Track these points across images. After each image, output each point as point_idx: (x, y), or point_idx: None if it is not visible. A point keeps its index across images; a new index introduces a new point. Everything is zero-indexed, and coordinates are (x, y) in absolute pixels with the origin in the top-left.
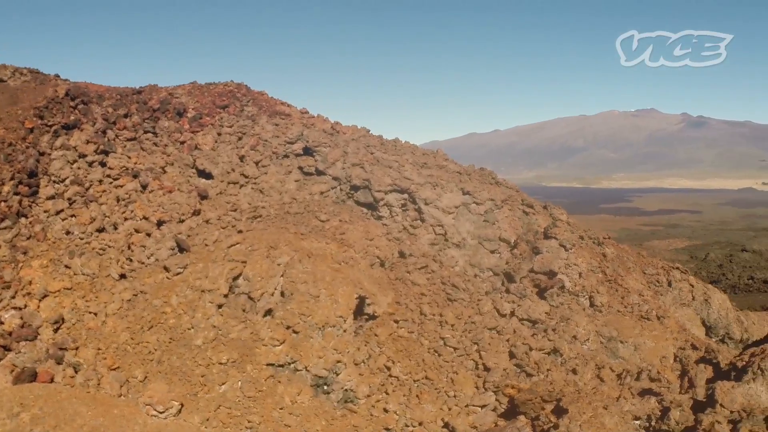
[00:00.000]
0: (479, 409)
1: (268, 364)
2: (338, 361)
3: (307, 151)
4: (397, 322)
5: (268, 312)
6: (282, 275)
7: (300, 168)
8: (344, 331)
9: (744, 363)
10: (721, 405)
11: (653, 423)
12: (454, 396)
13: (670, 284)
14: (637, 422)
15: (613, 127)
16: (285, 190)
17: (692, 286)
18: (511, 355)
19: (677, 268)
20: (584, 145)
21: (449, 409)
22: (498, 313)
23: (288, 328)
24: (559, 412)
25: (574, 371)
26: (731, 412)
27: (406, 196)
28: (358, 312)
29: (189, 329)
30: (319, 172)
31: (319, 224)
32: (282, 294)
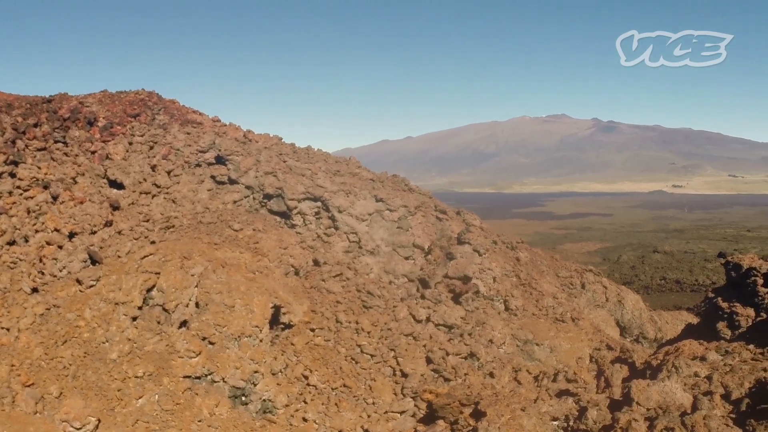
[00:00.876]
0: (398, 415)
1: (184, 377)
2: (255, 372)
3: (220, 160)
4: (313, 330)
5: (184, 323)
6: (196, 286)
7: (212, 177)
8: (260, 340)
9: (659, 361)
10: (637, 403)
11: (571, 423)
12: (373, 403)
13: (583, 286)
14: (556, 423)
15: (524, 132)
16: (198, 200)
17: (605, 288)
18: (428, 361)
19: (590, 270)
20: (496, 151)
21: (368, 417)
22: (414, 319)
23: (204, 339)
24: (478, 415)
25: (492, 375)
26: (647, 409)
27: (319, 204)
28: (274, 321)
29: (104, 343)
30: (232, 181)
31: (233, 234)
32: (197, 305)
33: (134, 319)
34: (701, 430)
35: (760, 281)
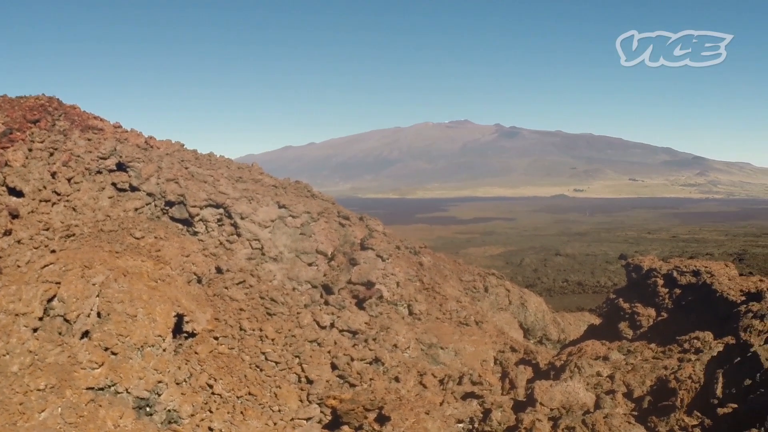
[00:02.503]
0: (305, 422)
1: (87, 388)
2: (159, 382)
3: (121, 167)
4: (217, 338)
5: (85, 334)
6: (98, 295)
7: (113, 184)
8: (164, 350)
9: (562, 362)
10: (540, 403)
11: (476, 425)
12: (279, 410)
13: (486, 290)
14: (461, 425)
15: (427, 138)
16: (99, 207)
17: (508, 291)
18: (334, 367)
19: (493, 273)
20: (399, 157)
21: (274, 424)
22: (318, 325)
23: (106, 349)
24: (382, 420)
25: (397, 379)
26: (551, 409)
27: (221, 210)
28: (177, 330)
29: (4, 355)
30: (133, 188)
31: (134, 242)
32: (99, 315)
33: (35, 330)
34: (602, 429)
35: (661, 282)
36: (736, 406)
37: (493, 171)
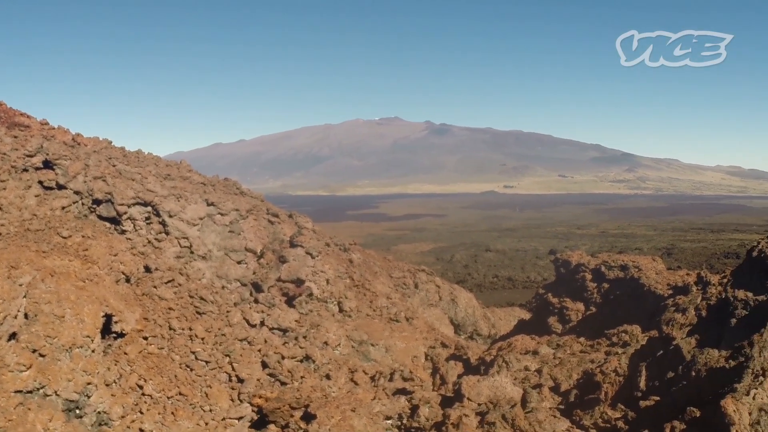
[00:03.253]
0: (236, 421)
1: (16, 391)
2: (89, 383)
3: (48, 165)
4: (146, 338)
5: (12, 336)
6: (25, 296)
7: (40, 182)
8: (93, 351)
9: (492, 357)
10: (468, 399)
11: (405, 421)
12: (210, 410)
13: (416, 286)
14: (389, 422)
15: (357, 135)
16: (25, 206)
17: (439, 287)
18: (264, 365)
19: (423, 270)
20: (330, 154)
21: (206, 424)
22: (248, 323)
23: (34, 351)
24: (308, 418)
25: (328, 376)
26: (479, 404)
27: (149, 209)
28: (106, 331)
29: None
30: (60, 186)
31: (62, 241)
32: (26, 316)
33: None
34: (522, 424)
35: (589, 276)
36: (658, 398)
37: (424, 168)
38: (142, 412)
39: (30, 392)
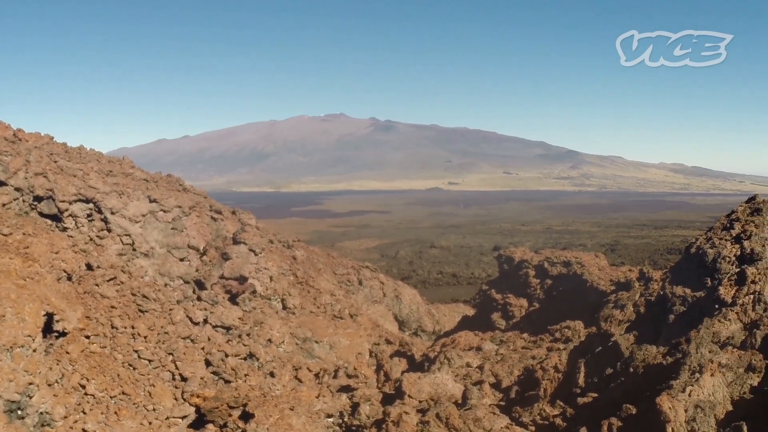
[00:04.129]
0: (180, 420)
1: None
2: (30, 383)
3: None
4: (88, 337)
5: None
6: None
7: None
8: (34, 350)
9: (436, 353)
10: (409, 396)
11: (346, 419)
12: (154, 409)
13: (360, 283)
14: (330, 419)
15: (303, 131)
16: None
17: (383, 284)
18: (208, 363)
19: (367, 266)
20: (275, 150)
21: (150, 424)
22: (191, 321)
23: None
24: (247, 417)
25: (272, 374)
26: (420, 401)
27: (91, 205)
28: (47, 330)
29: None
30: (1, 183)
31: (2, 239)
32: None
33: None
34: (456, 422)
35: (532, 273)
36: (596, 395)
37: (369, 164)
38: (84, 412)
39: None
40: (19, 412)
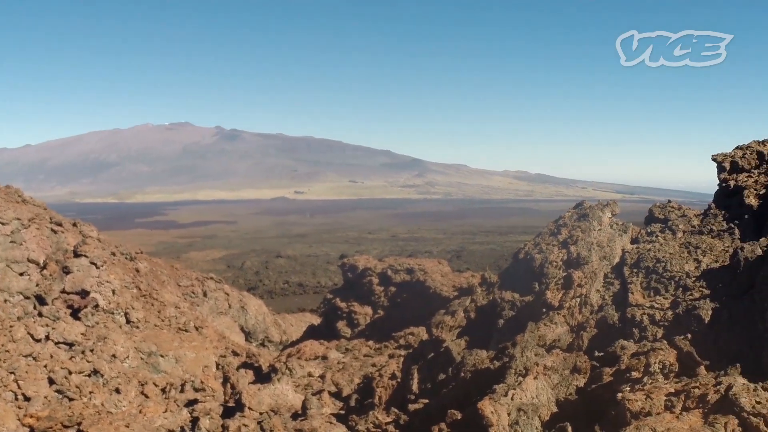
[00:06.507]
0: None
1: None
2: None
3: None
4: None
5: None
6: None
7: None
8: None
9: (282, 363)
10: (249, 408)
11: None
12: None
13: (205, 294)
14: None
15: (146, 140)
16: None
17: (228, 295)
18: (51, 381)
19: (211, 278)
20: (118, 160)
21: None
22: (33, 338)
23: None
24: None
25: (118, 390)
26: (260, 414)
27: None
28: None
29: None
30: None
31: None
32: None
33: None
34: None
35: (376, 280)
36: (427, 401)
37: (214, 174)
38: None
39: None
40: None
